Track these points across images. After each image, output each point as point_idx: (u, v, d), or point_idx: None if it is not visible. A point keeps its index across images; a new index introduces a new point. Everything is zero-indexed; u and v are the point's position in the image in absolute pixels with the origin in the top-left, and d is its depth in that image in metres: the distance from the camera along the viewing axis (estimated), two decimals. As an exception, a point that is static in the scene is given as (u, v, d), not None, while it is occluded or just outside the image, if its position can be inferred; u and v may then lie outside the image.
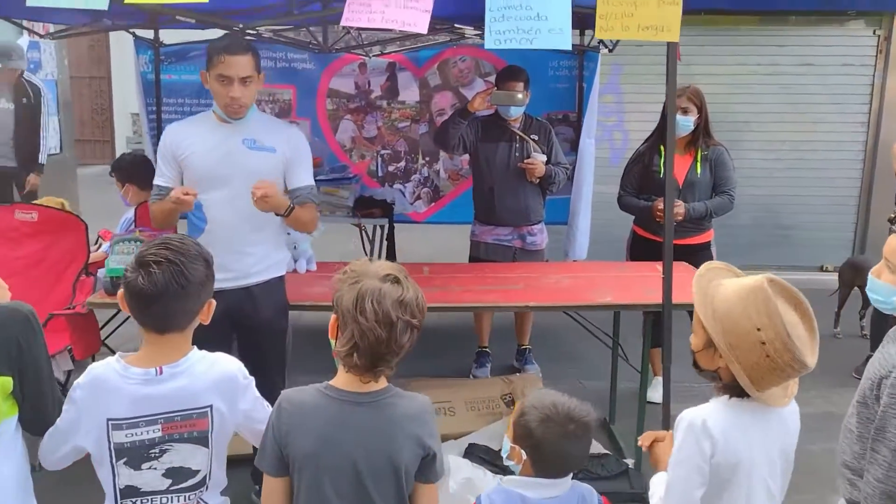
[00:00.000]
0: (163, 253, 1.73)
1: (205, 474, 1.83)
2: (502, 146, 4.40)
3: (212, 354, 1.87)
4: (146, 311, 1.74)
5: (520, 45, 2.94)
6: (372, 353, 1.67)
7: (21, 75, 6.09)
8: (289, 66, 5.81)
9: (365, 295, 1.67)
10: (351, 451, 1.71)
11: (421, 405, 1.80)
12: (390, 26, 2.96)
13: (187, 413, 1.78)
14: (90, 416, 1.75)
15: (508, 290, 3.57)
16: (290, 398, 1.78)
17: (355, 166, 5.92)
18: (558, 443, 1.84)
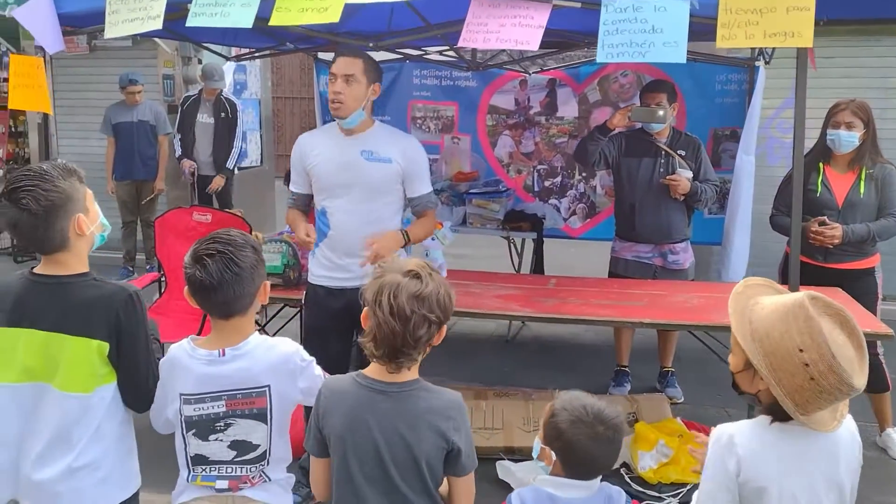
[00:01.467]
0: (213, 246, 1.92)
1: (265, 449, 2.01)
2: (646, 161, 4.32)
3: (271, 339, 2.06)
4: (209, 300, 1.94)
5: (632, 58, 2.92)
6: (388, 344, 1.77)
7: (220, 93, 6.87)
8: (453, 84, 6.07)
9: (384, 288, 1.77)
10: (375, 436, 1.82)
11: (448, 401, 1.87)
12: (504, 46, 3.07)
13: (247, 391, 1.97)
14: (168, 390, 2.00)
15: (627, 307, 3.52)
16: (328, 384, 1.94)
17: (512, 181, 6.05)
18: (587, 444, 1.84)
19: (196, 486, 2.00)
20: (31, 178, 1.91)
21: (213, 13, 3.26)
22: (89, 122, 7.48)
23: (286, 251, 3.74)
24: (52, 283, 1.95)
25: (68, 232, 1.95)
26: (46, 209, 1.90)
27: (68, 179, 1.98)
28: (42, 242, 1.93)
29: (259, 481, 2.01)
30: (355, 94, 3.09)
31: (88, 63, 7.73)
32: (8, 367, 1.93)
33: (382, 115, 6.26)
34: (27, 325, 1.92)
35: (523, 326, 5.97)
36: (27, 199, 1.88)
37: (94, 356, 1.92)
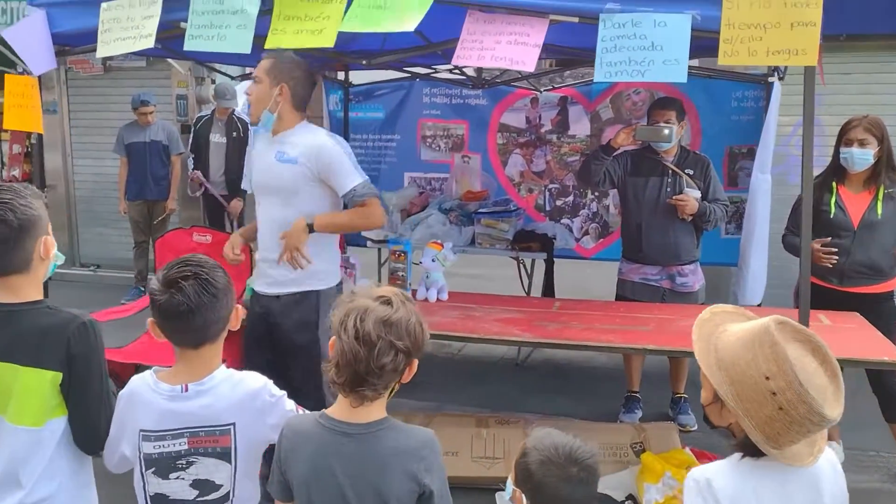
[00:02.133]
0: (186, 270, 1.83)
1: (228, 489, 1.90)
2: (652, 181, 4.19)
3: (238, 373, 1.95)
4: (185, 326, 1.84)
5: (631, 77, 2.82)
6: (352, 370, 1.65)
7: (233, 112, 6.87)
8: (463, 102, 6.00)
9: (350, 312, 1.67)
10: (340, 481, 1.69)
11: (419, 440, 1.74)
12: (499, 65, 2.98)
13: (210, 429, 1.87)
14: (127, 425, 1.90)
15: (633, 332, 3.38)
16: (290, 424, 1.82)
17: (523, 200, 5.94)
18: (559, 486, 1.70)
19: None
20: (8, 192, 1.87)
21: (210, 36, 3.23)
22: (104, 141, 7.52)
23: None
24: (3, 311, 1.88)
25: (33, 253, 1.90)
26: (21, 224, 1.85)
27: (38, 200, 1.94)
28: (8, 259, 1.86)
29: None
30: (258, 94, 3.10)
31: (103, 83, 7.79)
32: None
33: (392, 133, 6.22)
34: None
35: (534, 350, 5.84)
36: (4, 210, 1.83)
37: (46, 387, 1.84)
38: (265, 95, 3.10)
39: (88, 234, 8.31)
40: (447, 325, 3.47)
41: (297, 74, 3.15)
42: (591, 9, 2.87)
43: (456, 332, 3.40)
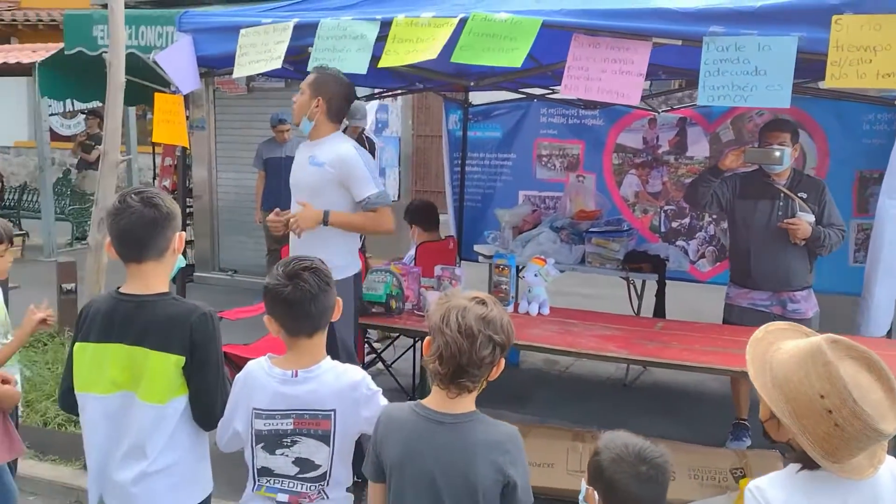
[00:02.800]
0: (304, 263, 2.07)
1: (325, 470, 2.09)
2: (763, 204, 4.10)
3: (342, 365, 2.15)
4: (303, 314, 2.04)
5: (734, 102, 2.84)
6: (455, 362, 1.80)
7: (363, 132, 7.23)
8: (579, 122, 6.08)
9: (451, 309, 1.83)
10: (430, 466, 1.84)
11: (506, 434, 1.88)
12: (604, 98, 3.06)
13: (314, 413, 2.07)
14: (241, 404, 2.13)
15: (732, 354, 3.34)
16: (386, 411, 2.00)
17: (638, 221, 5.93)
18: (629, 483, 1.78)
19: (260, 497, 2.12)
20: (153, 189, 2.20)
21: (332, 58, 3.52)
22: (246, 156, 8.08)
23: (390, 281, 3.88)
24: (136, 301, 2.15)
25: (170, 243, 2.17)
26: (169, 213, 2.14)
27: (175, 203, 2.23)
28: (151, 243, 2.13)
29: (317, 498, 2.10)
30: (300, 103, 3.50)
31: (246, 103, 8.39)
32: (98, 379, 2.15)
33: (508, 152, 6.38)
34: (115, 340, 2.13)
35: (644, 371, 5.79)
36: (157, 199, 2.13)
37: (171, 370, 2.10)
38: (305, 105, 3.49)
39: (228, 242, 8.94)
40: (545, 339, 3.56)
41: (333, 90, 3.51)
42: (695, 32, 2.92)
43: (553, 345, 3.49)
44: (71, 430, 4.20)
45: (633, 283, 5.49)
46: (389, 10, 3.54)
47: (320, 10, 3.76)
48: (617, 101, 3.07)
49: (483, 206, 6.41)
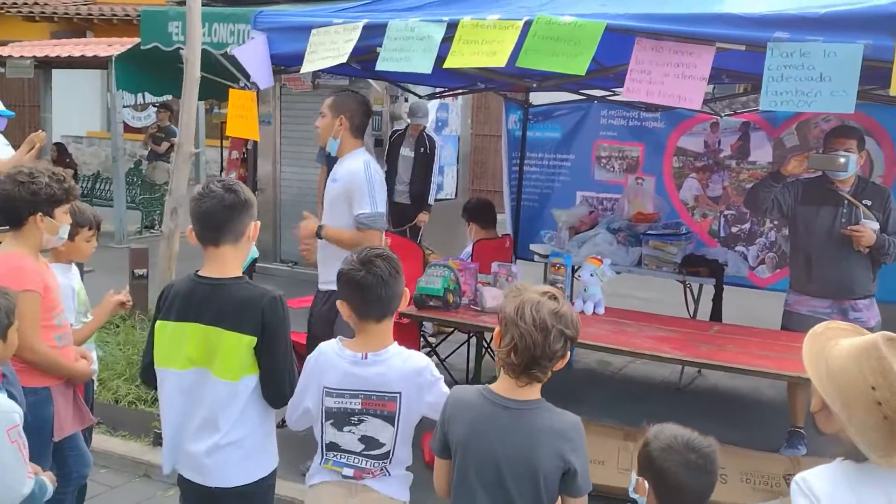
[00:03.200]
0: (377, 251, 2.22)
1: (389, 449, 2.21)
2: (825, 211, 4.07)
3: (407, 351, 2.26)
4: (375, 298, 2.17)
5: (797, 107, 2.85)
6: (529, 354, 1.92)
7: (423, 130, 7.36)
8: (640, 124, 6.08)
9: (525, 303, 1.94)
10: (494, 448, 1.96)
11: (570, 423, 2.00)
12: (667, 102, 3.10)
13: (381, 394, 2.18)
14: (312, 383, 2.26)
15: (789, 360, 3.34)
16: (454, 393, 2.12)
17: (696, 225, 5.91)
18: (679, 472, 1.84)
19: (326, 470, 2.25)
20: (235, 180, 2.38)
21: (399, 58, 3.62)
22: (309, 151, 8.28)
23: (448, 276, 3.98)
24: (213, 283, 2.31)
25: (246, 228, 2.33)
26: (247, 200, 2.32)
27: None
28: (229, 226, 2.29)
29: (380, 474, 2.22)
30: (324, 125, 3.76)
31: (310, 99, 8.57)
32: (176, 356, 2.30)
33: (567, 153, 6.41)
34: (192, 319, 2.29)
35: (699, 375, 5.77)
36: (237, 187, 2.30)
37: (243, 349, 2.24)
38: (329, 125, 3.74)
39: (289, 234, 9.16)
40: (599, 337, 3.61)
41: (353, 107, 3.76)
42: (759, 37, 2.93)
43: (606, 343, 3.54)
44: (140, 409, 4.42)
45: (690, 287, 5.48)
46: (456, 12, 3.63)
47: (388, 12, 3.87)
48: (679, 104, 3.11)
49: (540, 205, 6.46)
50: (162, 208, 10.87)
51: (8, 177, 2.77)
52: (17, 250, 2.71)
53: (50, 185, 2.73)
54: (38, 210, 2.71)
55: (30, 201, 2.70)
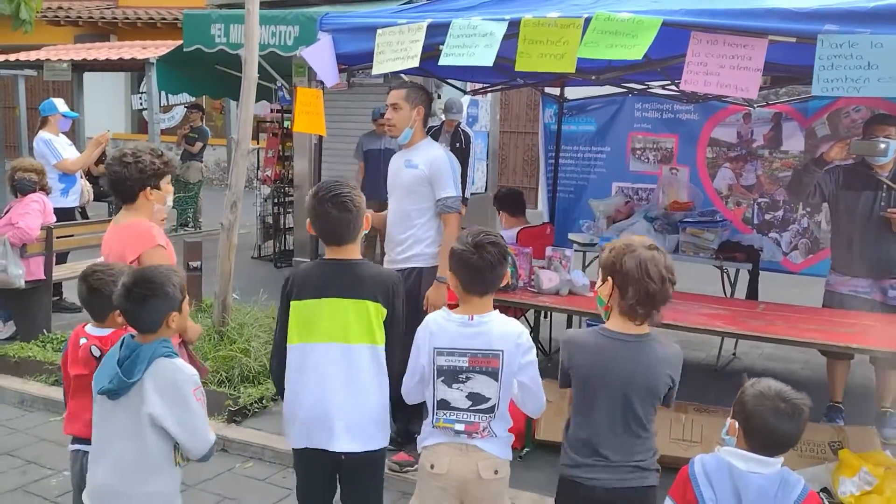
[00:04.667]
0: (489, 238, 2.46)
1: (494, 403, 2.43)
2: (865, 195, 4.28)
3: (507, 317, 2.50)
4: (482, 279, 2.43)
5: (847, 93, 3.06)
6: (652, 302, 2.29)
7: (459, 125, 7.58)
8: (674, 116, 6.29)
9: (645, 260, 2.28)
10: (617, 376, 2.32)
11: (675, 352, 2.38)
12: (724, 92, 3.31)
13: (486, 352, 2.42)
14: (425, 347, 2.49)
15: (837, 333, 3.55)
16: (569, 337, 2.50)
17: (730, 213, 6.11)
18: (767, 416, 2.04)
19: (438, 430, 2.47)
20: (346, 187, 2.63)
21: (461, 53, 3.84)
22: (346, 148, 8.51)
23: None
24: (343, 264, 2.62)
25: (361, 229, 2.64)
26: (358, 212, 2.62)
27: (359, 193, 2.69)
28: (348, 236, 2.62)
29: (487, 435, 2.45)
30: (401, 117, 3.92)
31: (347, 98, 8.78)
32: (315, 330, 2.58)
33: (602, 145, 6.62)
34: (326, 295, 2.57)
35: (734, 358, 5.97)
36: (349, 202, 2.58)
37: (374, 316, 2.53)
38: (407, 117, 3.92)
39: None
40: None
41: (425, 98, 3.98)
42: (810, 30, 3.14)
43: (664, 320, 3.75)
44: (212, 388, 4.65)
45: (727, 272, 5.68)
46: (513, 10, 3.85)
47: (447, 11, 4.09)
48: (736, 94, 3.31)
49: (576, 196, 6.68)
50: (196, 206, 11.19)
51: (114, 160, 3.10)
52: (137, 218, 3.07)
53: (153, 162, 3.08)
54: (146, 185, 3.07)
55: (138, 178, 3.05)
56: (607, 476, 2.35)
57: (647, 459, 2.38)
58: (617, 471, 2.35)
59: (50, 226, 5.73)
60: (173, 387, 2.30)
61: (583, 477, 2.37)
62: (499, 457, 2.48)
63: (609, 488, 2.34)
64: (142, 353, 2.31)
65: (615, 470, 2.35)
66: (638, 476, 2.36)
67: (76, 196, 7.03)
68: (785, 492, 2.02)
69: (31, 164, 5.92)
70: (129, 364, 2.29)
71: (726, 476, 2.06)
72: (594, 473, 2.36)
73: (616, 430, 2.34)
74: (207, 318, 5.56)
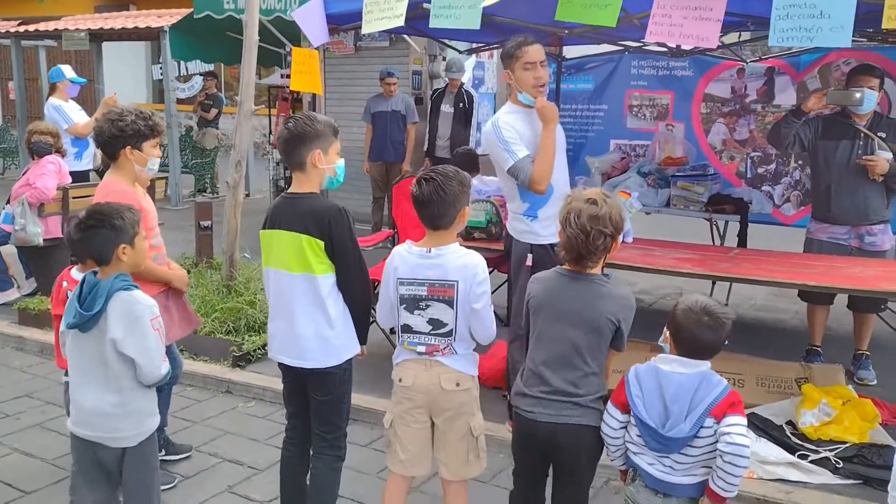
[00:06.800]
0: (431, 174, 2.62)
1: (452, 328, 2.65)
2: (843, 144, 4.38)
3: (464, 249, 2.69)
4: (422, 212, 2.63)
5: (801, 42, 3.18)
6: (576, 251, 2.46)
7: (462, 86, 7.73)
8: (669, 73, 6.39)
9: (571, 211, 2.45)
10: (564, 307, 2.50)
11: (622, 293, 2.51)
12: (686, 42, 3.44)
13: (442, 282, 2.62)
14: (391, 277, 2.71)
15: (794, 272, 3.71)
16: (536, 277, 2.68)
17: (724, 167, 6.23)
18: (692, 328, 2.26)
19: (406, 350, 2.72)
20: (302, 114, 2.78)
21: (448, 15, 3.98)
22: (353, 111, 8.71)
23: (490, 209, 4.40)
24: (290, 198, 2.80)
25: (306, 158, 2.73)
26: (298, 134, 2.72)
27: (327, 127, 2.80)
28: (290, 158, 2.77)
29: (448, 352, 2.67)
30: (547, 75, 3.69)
31: (353, 61, 9.00)
32: (270, 257, 2.81)
33: (600, 103, 6.75)
34: (274, 227, 2.78)
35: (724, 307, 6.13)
36: (291, 122, 2.74)
37: (307, 247, 2.69)
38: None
39: (334, 191, 9.65)
40: (628, 259, 4.02)
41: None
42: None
43: (634, 263, 3.94)
44: (219, 337, 4.94)
45: (716, 224, 5.82)
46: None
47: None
48: (697, 44, 3.44)
49: (574, 154, 6.78)
50: (212, 172, 11.47)
51: (102, 116, 3.30)
52: (114, 178, 3.25)
53: (136, 122, 3.21)
54: (126, 144, 3.21)
55: (118, 136, 3.20)
56: (542, 410, 2.49)
57: (586, 397, 2.48)
58: (553, 405, 2.48)
59: (66, 186, 6.02)
60: (132, 316, 2.50)
61: (522, 409, 2.57)
62: (460, 371, 2.69)
63: (544, 422, 2.49)
64: (100, 288, 2.49)
65: (551, 405, 2.48)
66: (576, 413, 2.47)
67: (90, 159, 7.32)
68: (706, 389, 2.23)
69: (46, 127, 6.19)
70: (90, 299, 2.48)
71: (653, 376, 2.30)
72: (532, 407, 2.52)
73: (559, 361, 2.49)
74: (216, 274, 5.83)
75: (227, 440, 4.00)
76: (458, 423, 2.71)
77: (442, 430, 2.73)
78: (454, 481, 2.78)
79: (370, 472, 3.60)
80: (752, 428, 3.74)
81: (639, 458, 2.35)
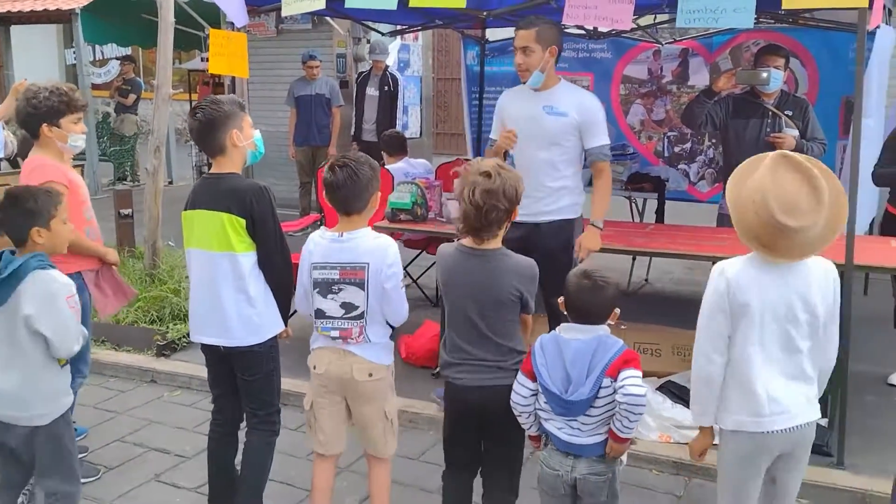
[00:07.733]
0: (343, 160, 2.64)
1: (363, 310, 2.67)
2: (753, 122, 4.55)
3: (376, 233, 2.72)
4: (334, 197, 2.64)
5: (706, 23, 3.31)
6: (471, 224, 2.51)
7: (387, 69, 7.72)
8: (589, 55, 6.51)
9: (465, 186, 2.48)
10: (466, 283, 2.58)
11: (523, 265, 2.59)
12: (601, 24, 3.53)
13: (353, 265, 2.65)
14: (306, 262, 2.73)
15: (707, 245, 3.88)
16: (440, 250, 2.72)
17: (643, 147, 6.41)
18: (576, 292, 2.38)
19: (321, 337, 2.73)
20: (202, 104, 2.77)
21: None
22: (276, 95, 8.60)
23: (415, 191, 4.43)
24: (211, 178, 2.80)
25: (226, 141, 2.73)
26: (210, 120, 2.71)
27: (234, 105, 2.79)
28: (208, 146, 2.76)
29: (361, 340, 2.69)
30: (532, 61, 3.58)
31: (275, 44, 8.87)
32: (191, 237, 2.80)
33: (522, 85, 6.83)
34: (195, 207, 2.78)
35: (646, 283, 6.34)
36: (199, 112, 2.72)
37: (228, 226, 2.70)
38: (538, 59, 3.57)
39: (261, 176, 9.50)
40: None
41: (556, 36, 3.63)
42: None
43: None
44: (143, 326, 4.85)
45: (635, 202, 6.00)
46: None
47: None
48: (611, 26, 3.54)
49: (499, 136, 6.90)
50: (132, 159, 11.14)
51: (21, 95, 3.23)
52: (38, 154, 3.21)
53: (49, 99, 3.17)
54: (43, 121, 3.17)
55: (34, 114, 3.17)
56: (470, 375, 2.59)
57: (507, 360, 2.57)
58: (479, 369, 2.58)
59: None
60: (47, 293, 2.49)
61: (452, 376, 2.65)
62: (373, 361, 2.73)
63: (473, 386, 2.59)
64: (13, 263, 2.47)
65: (477, 369, 2.58)
66: (501, 375, 2.56)
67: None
68: (603, 351, 2.34)
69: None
70: (5, 277, 2.46)
71: (554, 344, 2.40)
72: (460, 373, 2.62)
73: (472, 333, 2.58)
74: (139, 263, 5.70)
75: (153, 429, 3.95)
76: (373, 408, 2.78)
77: (356, 414, 2.81)
78: (375, 457, 2.87)
79: (300, 455, 3.61)
80: (668, 395, 3.92)
81: (549, 423, 2.45)
